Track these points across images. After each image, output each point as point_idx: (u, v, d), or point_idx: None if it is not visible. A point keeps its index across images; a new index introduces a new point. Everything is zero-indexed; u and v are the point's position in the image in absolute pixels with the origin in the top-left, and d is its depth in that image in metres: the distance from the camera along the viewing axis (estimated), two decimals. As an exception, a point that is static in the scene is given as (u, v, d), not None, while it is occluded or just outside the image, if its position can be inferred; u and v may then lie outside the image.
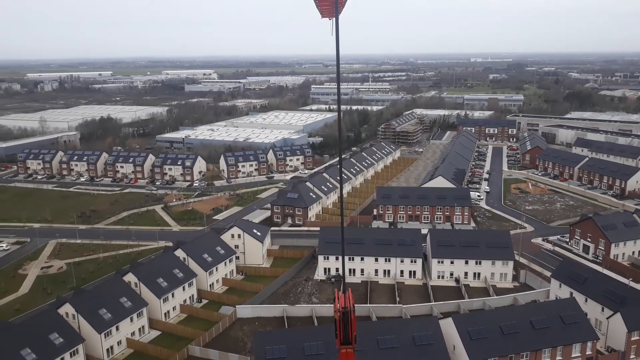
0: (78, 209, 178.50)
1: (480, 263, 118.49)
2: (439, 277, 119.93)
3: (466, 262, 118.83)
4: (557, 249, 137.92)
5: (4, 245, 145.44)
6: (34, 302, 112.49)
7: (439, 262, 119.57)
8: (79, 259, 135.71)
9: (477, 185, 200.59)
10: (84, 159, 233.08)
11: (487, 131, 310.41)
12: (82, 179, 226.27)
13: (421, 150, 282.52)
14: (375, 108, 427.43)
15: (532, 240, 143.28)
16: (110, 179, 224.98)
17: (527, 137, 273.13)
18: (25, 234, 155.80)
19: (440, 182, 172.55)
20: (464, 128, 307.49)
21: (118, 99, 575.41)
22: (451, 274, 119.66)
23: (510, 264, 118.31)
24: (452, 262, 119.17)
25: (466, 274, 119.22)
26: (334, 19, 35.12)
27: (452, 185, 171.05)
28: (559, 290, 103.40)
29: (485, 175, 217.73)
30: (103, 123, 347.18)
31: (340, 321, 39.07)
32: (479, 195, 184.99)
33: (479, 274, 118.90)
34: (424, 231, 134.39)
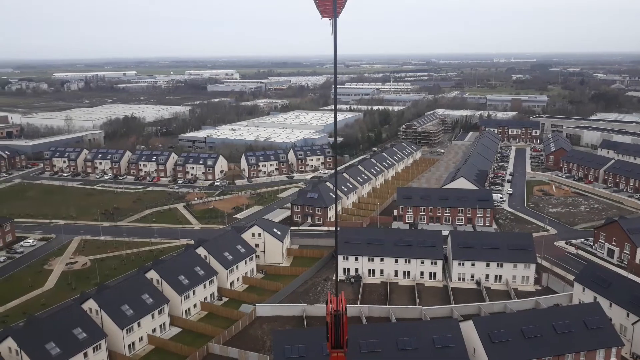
0: (102, 206, 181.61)
1: (501, 265, 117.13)
2: (459, 279, 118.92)
3: (487, 265, 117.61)
4: (580, 252, 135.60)
5: (31, 241, 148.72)
6: (59, 297, 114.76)
7: (459, 264, 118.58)
8: (102, 256, 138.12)
9: (500, 187, 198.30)
10: (108, 157, 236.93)
11: (510, 132, 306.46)
12: (106, 177, 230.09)
13: (443, 151, 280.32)
14: (396, 108, 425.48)
15: (555, 243, 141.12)
16: (134, 177, 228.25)
17: (551, 139, 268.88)
18: (51, 230, 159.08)
19: (462, 184, 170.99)
20: (487, 129, 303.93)
21: (142, 98, 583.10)
22: (472, 276, 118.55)
23: (533, 267, 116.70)
24: (473, 264, 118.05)
25: (487, 276, 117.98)
26: (334, 19, 35.43)
27: (474, 187, 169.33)
28: (582, 295, 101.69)
29: (508, 177, 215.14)
30: (127, 122, 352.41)
31: (332, 324, 38.35)
32: (501, 197, 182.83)
33: (500, 276, 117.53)
34: (445, 233, 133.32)
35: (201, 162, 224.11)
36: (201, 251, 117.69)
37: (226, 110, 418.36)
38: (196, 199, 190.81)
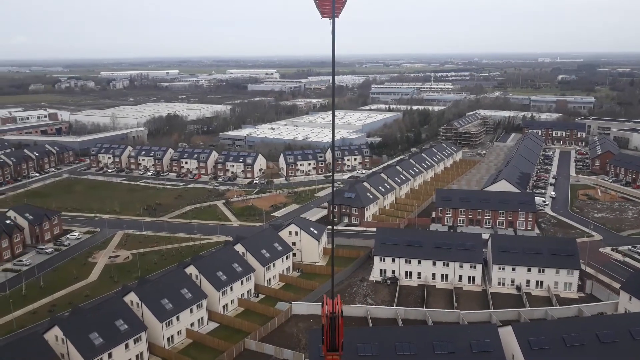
0: (144, 202, 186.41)
1: (543, 271, 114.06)
2: (499, 284, 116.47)
3: (528, 270, 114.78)
4: (627, 259, 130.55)
5: (77, 234, 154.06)
6: (102, 289, 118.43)
7: (499, 268, 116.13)
8: (144, 250, 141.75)
9: (543, 190, 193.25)
10: (151, 154, 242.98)
11: (554, 134, 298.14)
12: (149, 174, 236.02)
13: (484, 152, 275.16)
14: (436, 108, 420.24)
15: (600, 250, 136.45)
16: (175, 174, 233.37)
17: (597, 141, 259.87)
18: (95, 224, 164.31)
19: (503, 186, 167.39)
20: (530, 130, 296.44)
21: (184, 97, 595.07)
22: (512, 281, 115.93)
23: (576, 273, 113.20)
24: (513, 269, 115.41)
25: (528, 281, 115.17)
26: (333, 19, 35.33)
27: (516, 190, 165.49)
28: (628, 304, 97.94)
29: (551, 180, 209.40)
30: (169, 120, 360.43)
31: (328, 327, 38.08)
32: (544, 201, 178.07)
33: (541, 282, 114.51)
34: (485, 236, 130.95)
35: (241, 160, 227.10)
36: (239, 248, 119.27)
37: (265, 110, 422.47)
38: (235, 196, 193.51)
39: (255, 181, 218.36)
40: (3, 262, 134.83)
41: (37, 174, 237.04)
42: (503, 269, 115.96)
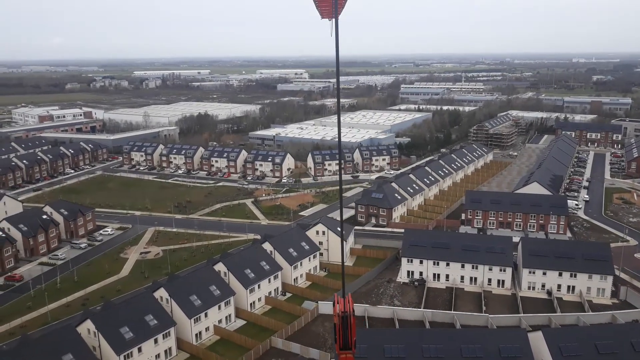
0: (175, 199, 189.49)
1: (575, 276, 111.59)
2: (529, 288, 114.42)
3: (560, 274, 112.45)
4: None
5: (109, 230, 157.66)
6: (133, 284, 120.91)
7: (530, 272, 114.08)
8: (174, 247, 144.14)
9: (576, 194, 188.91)
10: (182, 153, 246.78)
11: (588, 136, 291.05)
12: (180, 172, 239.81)
13: (515, 154, 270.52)
14: (467, 109, 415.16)
15: (635, 255, 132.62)
16: (205, 173, 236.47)
17: (633, 144, 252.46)
18: (127, 220, 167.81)
19: (535, 189, 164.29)
20: (563, 132, 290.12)
21: (215, 96, 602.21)
22: (543, 286, 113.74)
23: (610, 279, 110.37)
24: (544, 273, 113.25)
25: (559, 286, 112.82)
26: (334, 19, 35.01)
27: (548, 192, 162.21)
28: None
29: (585, 183, 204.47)
30: (200, 119, 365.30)
31: (340, 326, 38.40)
32: (577, 204, 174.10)
33: (573, 287, 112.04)
34: (516, 239, 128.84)
35: (269, 159, 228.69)
36: (267, 246, 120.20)
37: (294, 109, 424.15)
38: (264, 195, 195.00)
39: (283, 180, 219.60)
40: (39, 256, 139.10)
41: (72, 171, 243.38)
42: (533, 272, 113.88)
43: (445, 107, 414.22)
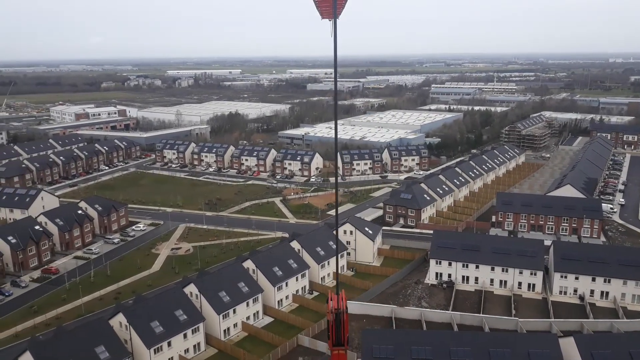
0: (205, 196, 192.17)
1: (609, 281, 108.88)
2: (560, 292, 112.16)
3: (593, 279, 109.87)
4: None
5: (142, 225, 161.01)
6: (164, 279, 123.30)
7: (562, 276, 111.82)
8: (204, 243, 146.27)
9: (611, 197, 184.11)
10: (213, 151, 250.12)
11: (625, 138, 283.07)
12: (211, 170, 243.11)
13: (548, 155, 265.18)
14: (499, 109, 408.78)
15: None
16: (236, 171, 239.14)
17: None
18: (159, 216, 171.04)
19: (568, 191, 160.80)
20: (598, 134, 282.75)
21: (245, 96, 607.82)
22: (575, 291, 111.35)
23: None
24: (576, 278, 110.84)
25: (592, 291, 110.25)
26: (334, 20, 34.88)
27: (582, 195, 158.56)
28: None
29: (621, 187, 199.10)
30: (231, 118, 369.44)
31: (334, 322, 38.65)
32: (611, 208, 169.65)
33: (607, 293, 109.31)
34: (547, 242, 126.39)
35: (298, 158, 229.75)
36: (295, 245, 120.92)
37: (324, 109, 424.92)
38: (292, 194, 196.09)
39: (311, 179, 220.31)
40: (74, 250, 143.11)
41: (107, 168, 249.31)
42: (565, 277, 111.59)
43: (476, 108, 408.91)
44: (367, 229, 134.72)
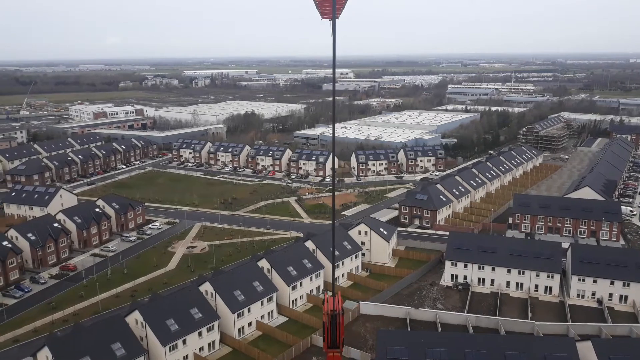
0: (221, 196, 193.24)
1: (628, 285, 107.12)
2: (578, 296, 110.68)
3: (612, 283, 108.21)
4: None
5: (158, 224, 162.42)
6: (179, 277, 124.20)
7: (579, 279, 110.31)
8: (219, 242, 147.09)
9: (630, 200, 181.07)
10: (229, 151, 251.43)
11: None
12: (226, 169, 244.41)
13: (567, 157, 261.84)
14: (516, 110, 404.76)
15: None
16: (251, 170, 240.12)
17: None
18: (175, 215, 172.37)
19: (586, 193, 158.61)
20: (618, 135, 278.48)
21: (261, 95, 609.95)
22: (593, 294, 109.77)
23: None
24: (595, 281, 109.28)
25: (611, 295, 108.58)
26: (333, 20, 34.74)
27: (601, 198, 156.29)
28: None
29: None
30: (247, 118, 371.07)
31: (329, 324, 38.34)
32: (631, 211, 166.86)
33: (626, 297, 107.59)
34: (565, 245, 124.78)
35: (313, 158, 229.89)
36: (310, 244, 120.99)
37: (339, 109, 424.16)
38: (307, 193, 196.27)
39: (326, 179, 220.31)
40: (92, 247, 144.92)
41: (124, 166, 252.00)
42: (583, 280, 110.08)
43: (493, 108, 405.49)
44: (382, 229, 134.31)
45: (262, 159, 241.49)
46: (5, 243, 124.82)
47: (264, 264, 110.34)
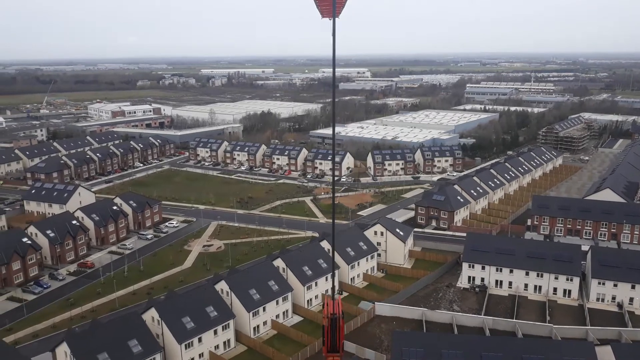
0: (237, 195, 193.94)
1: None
2: (598, 299, 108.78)
3: (632, 287, 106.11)
4: None
5: (175, 222, 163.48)
6: (195, 276, 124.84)
7: (599, 283, 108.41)
8: (235, 241, 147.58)
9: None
10: (245, 150, 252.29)
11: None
12: (243, 168, 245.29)
13: (587, 158, 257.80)
14: (536, 110, 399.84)
15: None
16: (267, 170, 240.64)
17: None
18: (192, 214, 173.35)
19: (607, 195, 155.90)
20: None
21: (278, 95, 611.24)
22: (613, 298, 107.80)
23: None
24: (615, 285, 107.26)
25: (631, 299, 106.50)
26: (333, 19, 34.32)
27: (622, 200, 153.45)
28: None
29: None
30: (263, 117, 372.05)
31: (329, 328, 37.85)
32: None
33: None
34: (585, 248, 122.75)
35: (329, 158, 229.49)
36: (325, 244, 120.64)
37: (355, 109, 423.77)
38: (323, 193, 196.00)
39: (342, 179, 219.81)
40: (109, 245, 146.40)
41: (141, 165, 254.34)
42: (603, 283, 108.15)
43: (512, 108, 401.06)
44: (398, 230, 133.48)
45: (278, 159, 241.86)
46: (25, 239, 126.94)
47: (279, 263, 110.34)
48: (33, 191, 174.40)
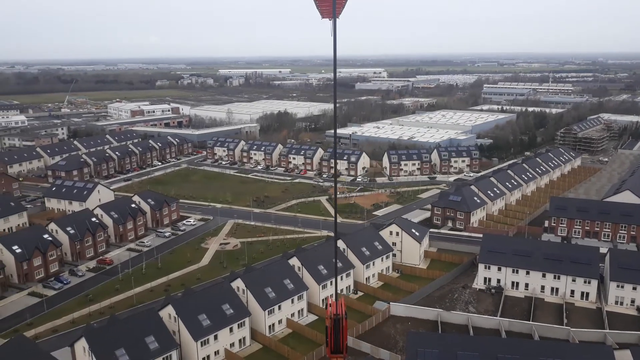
0: (254, 194, 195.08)
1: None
2: (616, 302, 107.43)
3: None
4: None
5: (192, 220, 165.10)
6: (212, 273, 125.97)
7: (618, 286, 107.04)
8: (251, 239, 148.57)
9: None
10: (262, 149, 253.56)
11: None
12: (259, 167, 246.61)
13: (606, 159, 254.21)
14: (554, 110, 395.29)
15: None
16: (283, 169, 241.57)
17: None
18: (209, 212, 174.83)
19: (627, 197, 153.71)
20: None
21: (294, 95, 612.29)
22: (632, 301, 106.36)
23: None
24: (634, 288, 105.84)
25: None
26: (333, 19, 34.28)
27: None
28: None
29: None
30: (280, 117, 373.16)
31: (332, 329, 37.83)
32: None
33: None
34: (603, 250, 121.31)
35: (345, 158, 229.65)
36: (340, 244, 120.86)
37: (372, 109, 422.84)
38: (339, 193, 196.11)
39: (358, 179, 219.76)
40: (128, 242, 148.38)
41: (160, 163, 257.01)
42: (622, 286, 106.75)
43: (530, 109, 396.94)
44: (413, 230, 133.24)
45: (294, 158, 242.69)
46: (46, 236, 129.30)
47: (294, 262, 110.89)
48: (54, 189, 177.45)
